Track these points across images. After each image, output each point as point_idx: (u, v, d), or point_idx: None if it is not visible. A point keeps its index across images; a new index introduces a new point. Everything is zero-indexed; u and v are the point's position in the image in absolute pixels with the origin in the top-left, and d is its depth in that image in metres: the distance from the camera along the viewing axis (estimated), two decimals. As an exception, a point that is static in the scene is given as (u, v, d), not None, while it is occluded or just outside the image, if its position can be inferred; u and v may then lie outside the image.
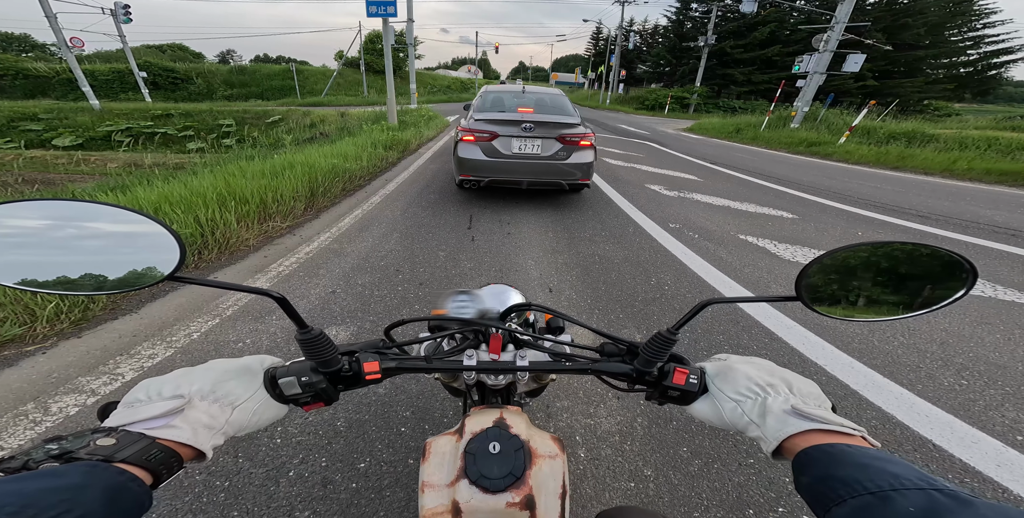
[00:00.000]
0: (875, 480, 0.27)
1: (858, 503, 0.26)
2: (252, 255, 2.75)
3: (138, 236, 0.36)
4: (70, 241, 0.34)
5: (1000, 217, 4.31)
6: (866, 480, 0.27)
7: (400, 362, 0.47)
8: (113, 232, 0.36)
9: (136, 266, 0.36)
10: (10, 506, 0.22)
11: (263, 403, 0.40)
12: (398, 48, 12.75)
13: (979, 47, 24.81)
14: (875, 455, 0.30)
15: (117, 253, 0.36)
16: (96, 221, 0.35)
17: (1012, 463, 1.29)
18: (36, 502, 0.23)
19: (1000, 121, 16.05)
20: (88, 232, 0.35)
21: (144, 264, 0.36)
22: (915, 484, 0.26)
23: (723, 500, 1.16)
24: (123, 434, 0.31)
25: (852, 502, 0.26)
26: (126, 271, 0.36)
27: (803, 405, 0.37)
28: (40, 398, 1.41)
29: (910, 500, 0.25)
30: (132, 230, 0.35)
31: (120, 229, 0.35)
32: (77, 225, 0.34)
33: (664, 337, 0.43)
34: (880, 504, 0.25)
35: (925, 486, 0.25)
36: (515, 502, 0.38)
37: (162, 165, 6.70)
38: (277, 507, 1.09)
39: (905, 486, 0.26)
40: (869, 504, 0.26)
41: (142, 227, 0.35)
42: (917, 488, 0.25)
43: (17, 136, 12.14)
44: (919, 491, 0.25)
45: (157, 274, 0.36)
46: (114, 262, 0.36)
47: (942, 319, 2.20)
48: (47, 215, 0.33)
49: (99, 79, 25.16)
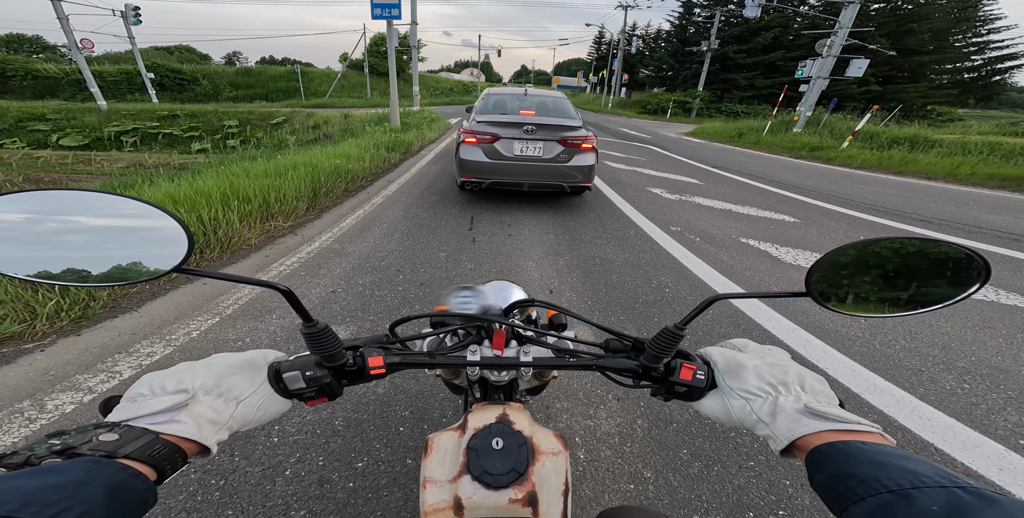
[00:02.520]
0: (894, 478, 0.26)
1: (878, 501, 0.25)
2: (254, 254, 2.75)
3: (146, 227, 0.35)
4: (79, 232, 0.34)
5: (1003, 222, 4.29)
6: (885, 478, 0.26)
7: (404, 357, 0.46)
8: (121, 222, 0.35)
9: (144, 257, 0.36)
10: (11, 503, 0.22)
11: (267, 398, 0.40)
12: (401, 50, 12.82)
13: (984, 53, 24.84)
14: (893, 453, 0.29)
15: (125, 244, 0.36)
16: (104, 211, 0.34)
17: (1015, 467, 1.28)
18: (37, 499, 0.22)
19: (1003, 126, 16.02)
20: (96, 223, 0.34)
21: (152, 255, 0.36)
22: (937, 482, 0.25)
23: (723, 503, 1.15)
24: (126, 429, 0.31)
25: (871, 500, 0.26)
26: (134, 262, 0.35)
27: (816, 403, 0.37)
28: (36, 395, 1.41)
29: (932, 498, 0.24)
30: (140, 220, 0.35)
31: (128, 219, 0.35)
32: (84, 216, 0.34)
33: (671, 332, 0.43)
34: (901, 502, 0.24)
35: (947, 484, 0.25)
36: (518, 498, 0.38)
37: (166, 165, 6.75)
38: (273, 506, 1.09)
39: (926, 484, 0.25)
40: (889, 502, 0.25)
41: (151, 217, 0.35)
42: (939, 486, 0.24)
43: (24, 136, 12.27)
44: (941, 489, 0.24)
45: (164, 266, 0.36)
46: (122, 253, 0.35)
47: (944, 323, 2.18)
48: (53, 206, 0.33)
49: (107, 80, 25.44)
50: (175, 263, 0.35)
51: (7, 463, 0.26)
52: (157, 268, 0.36)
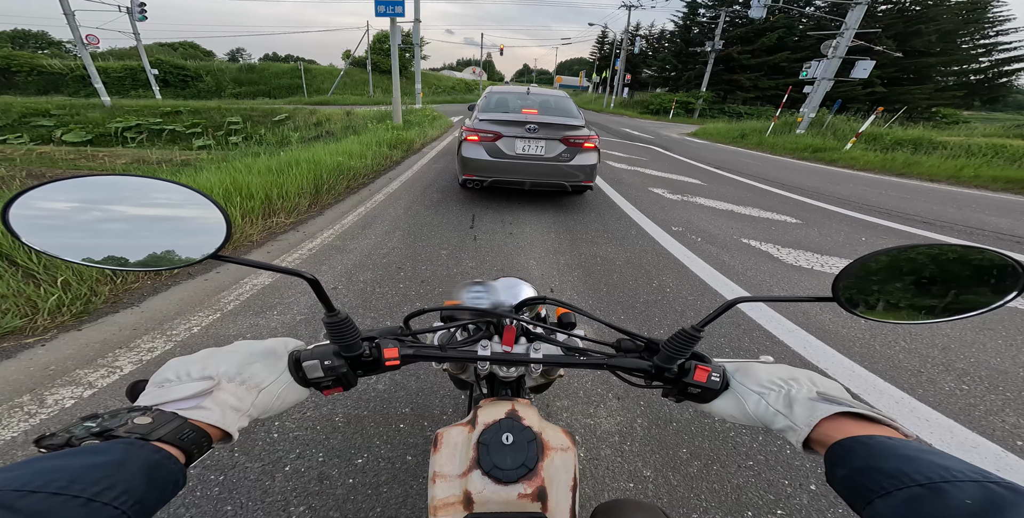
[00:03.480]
0: (924, 472, 0.25)
1: (906, 495, 0.25)
2: (255, 250, 2.76)
3: (185, 212, 0.35)
4: (123, 216, 0.34)
5: (1005, 224, 4.28)
6: (914, 472, 0.26)
7: (417, 350, 0.47)
8: (161, 206, 0.35)
9: (182, 243, 0.36)
10: (58, 481, 0.23)
11: (287, 386, 0.40)
12: (404, 48, 12.82)
13: (991, 54, 24.66)
14: (919, 448, 0.29)
15: (164, 229, 0.36)
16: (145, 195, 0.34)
17: (1011, 467, 1.28)
18: (81, 477, 0.23)
19: (1009, 129, 15.91)
20: (136, 207, 0.34)
21: (190, 241, 0.36)
22: (968, 476, 0.24)
23: (722, 502, 1.15)
24: (158, 413, 0.31)
25: (899, 494, 0.25)
26: (173, 247, 0.36)
27: (829, 392, 0.37)
28: (36, 390, 1.41)
29: (966, 492, 0.23)
30: (178, 205, 0.35)
31: (168, 203, 0.35)
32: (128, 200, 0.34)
33: (688, 334, 0.43)
34: (933, 496, 0.24)
35: (980, 478, 0.24)
36: (527, 493, 0.38)
37: (169, 161, 6.76)
38: (272, 502, 1.09)
39: (958, 478, 0.24)
40: (919, 496, 0.24)
41: (190, 202, 0.35)
42: (971, 480, 0.24)
43: (28, 132, 12.29)
44: (974, 483, 0.24)
45: (201, 251, 0.36)
46: (161, 238, 0.36)
47: (944, 325, 2.18)
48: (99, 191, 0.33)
49: (112, 76, 25.51)
50: (213, 249, 0.36)
51: (48, 444, 0.28)
52: (194, 254, 0.36)
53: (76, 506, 0.22)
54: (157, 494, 0.27)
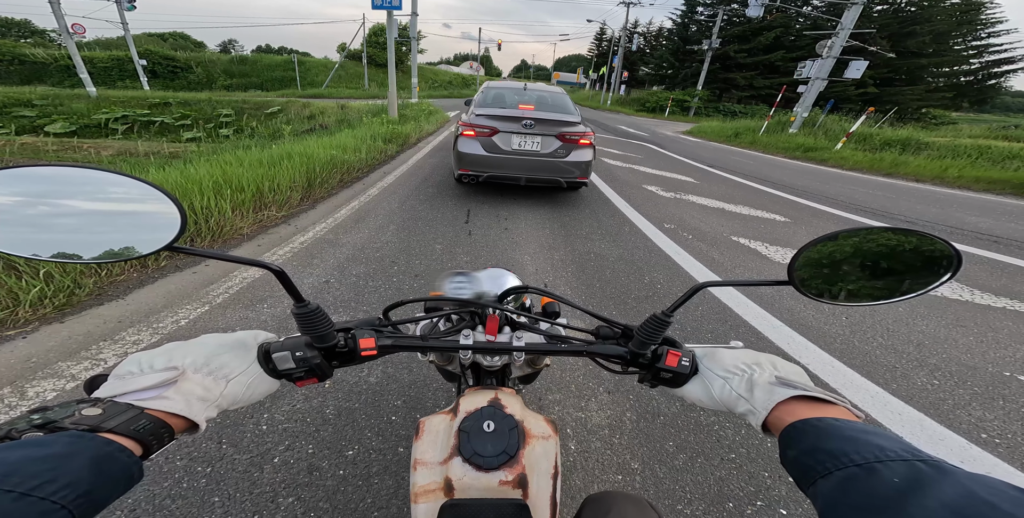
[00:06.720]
0: (861, 452, 0.27)
1: (844, 475, 0.26)
2: (245, 243, 2.73)
3: (138, 204, 0.35)
4: (72, 208, 0.33)
5: (984, 224, 4.37)
6: (853, 452, 0.27)
7: (396, 340, 0.46)
8: (112, 199, 0.34)
9: (135, 235, 0.35)
10: None
11: (256, 377, 0.40)
12: (401, 42, 12.65)
13: (982, 56, 24.96)
14: (862, 428, 0.30)
15: (116, 221, 0.35)
16: (97, 188, 0.34)
17: (975, 459, 1.34)
18: (18, 471, 0.22)
19: (994, 130, 16.22)
20: (90, 200, 0.33)
21: (143, 233, 0.35)
22: (899, 455, 0.26)
23: (705, 493, 1.17)
24: (110, 404, 0.30)
25: (838, 474, 0.26)
26: (124, 240, 0.35)
27: (788, 376, 0.38)
28: (17, 382, 1.39)
29: (894, 471, 0.25)
30: (131, 197, 0.34)
31: (120, 196, 0.34)
32: (80, 192, 0.33)
33: (659, 319, 0.43)
34: (865, 475, 0.25)
35: (909, 457, 0.25)
36: (508, 480, 0.39)
37: (157, 153, 6.63)
38: (260, 493, 1.09)
39: (890, 457, 0.26)
40: (855, 475, 0.26)
41: (142, 195, 0.34)
42: (901, 459, 0.25)
43: (9, 122, 11.94)
44: (903, 462, 0.25)
45: (156, 244, 0.35)
46: (112, 230, 0.35)
47: (919, 321, 2.24)
48: (42, 182, 0.32)
49: (97, 66, 24.82)
50: (167, 241, 0.35)
51: None
52: (148, 245, 0.35)
53: (7, 501, 0.21)
54: (107, 488, 0.26)
